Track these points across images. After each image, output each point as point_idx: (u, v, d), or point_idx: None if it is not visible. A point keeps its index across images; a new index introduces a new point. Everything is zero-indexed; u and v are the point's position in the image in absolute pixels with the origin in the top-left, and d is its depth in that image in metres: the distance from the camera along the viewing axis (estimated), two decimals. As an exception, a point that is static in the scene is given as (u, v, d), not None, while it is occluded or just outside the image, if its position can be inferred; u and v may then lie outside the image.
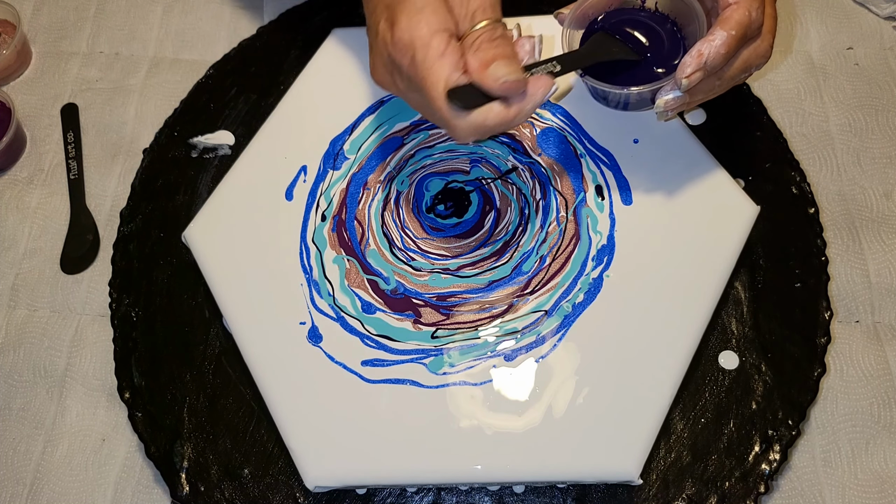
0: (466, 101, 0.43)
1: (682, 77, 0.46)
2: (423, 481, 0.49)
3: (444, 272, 0.54)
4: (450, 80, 0.43)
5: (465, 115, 0.44)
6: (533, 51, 0.47)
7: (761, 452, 0.50)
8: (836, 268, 0.58)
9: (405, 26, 0.44)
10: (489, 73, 0.43)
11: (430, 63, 0.43)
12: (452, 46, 0.44)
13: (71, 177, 0.64)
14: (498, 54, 0.43)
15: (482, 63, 0.43)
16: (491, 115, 0.44)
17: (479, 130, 0.44)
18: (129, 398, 0.54)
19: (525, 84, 0.43)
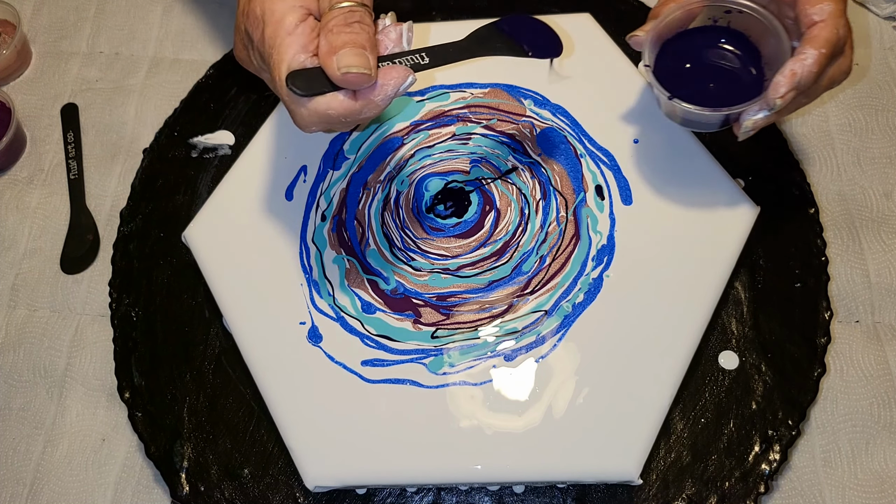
0: (310, 86, 0.41)
1: (775, 97, 0.45)
2: (423, 481, 0.49)
3: (444, 272, 0.54)
4: (294, 61, 0.41)
5: (306, 101, 0.41)
6: (399, 39, 0.45)
7: (761, 452, 0.50)
8: (836, 268, 0.58)
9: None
10: (334, 60, 0.40)
11: (279, 40, 0.41)
12: (306, 25, 0.42)
13: (71, 177, 0.64)
14: (349, 41, 0.41)
15: (331, 48, 0.40)
16: (334, 105, 0.41)
17: (322, 119, 0.42)
18: (129, 398, 0.54)
19: (372, 77, 0.41)
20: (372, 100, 0.42)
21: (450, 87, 0.60)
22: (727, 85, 0.51)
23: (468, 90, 0.60)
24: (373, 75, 0.41)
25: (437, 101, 0.60)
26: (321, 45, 0.41)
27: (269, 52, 0.42)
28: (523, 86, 0.60)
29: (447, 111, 0.60)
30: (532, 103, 0.59)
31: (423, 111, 0.60)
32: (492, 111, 0.59)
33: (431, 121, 0.59)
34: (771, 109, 0.46)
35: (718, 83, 0.51)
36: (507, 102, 0.60)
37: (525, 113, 0.59)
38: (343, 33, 0.41)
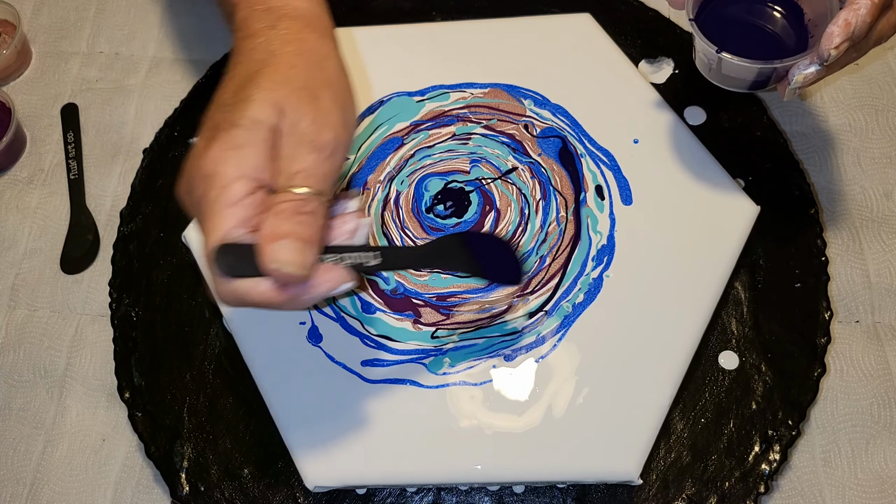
0: (237, 265, 0.37)
1: (829, 48, 0.43)
2: (423, 481, 0.49)
3: (443, 272, 0.54)
4: (230, 234, 0.37)
5: (229, 279, 0.38)
6: (354, 233, 0.42)
7: (761, 452, 0.50)
8: (836, 268, 0.58)
9: (213, 156, 0.38)
10: (269, 249, 0.37)
11: (219, 207, 0.38)
12: (252, 199, 0.38)
13: (71, 177, 0.64)
14: (293, 232, 0.37)
15: (272, 234, 0.37)
16: (256, 292, 0.38)
17: (241, 300, 0.39)
18: (129, 398, 0.54)
19: (305, 278, 0.38)
20: (298, 297, 0.39)
21: (450, 87, 0.60)
22: (770, 43, 0.50)
23: (468, 90, 0.60)
24: (305, 275, 0.38)
25: (437, 101, 0.60)
26: (264, 225, 0.38)
27: (205, 216, 0.38)
28: (523, 86, 0.60)
29: (447, 111, 0.60)
30: (532, 103, 0.59)
31: (423, 111, 0.60)
32: (492, 111, 0.59)
33: (431, 121, 0.59)
34: (823, 62, 0.45)
35: (761, 41, 0.50)
36: (507, 102, 0.60)
37: (525, 113, 0.59)
38: (290, 222, 0.38)
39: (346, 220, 0.42)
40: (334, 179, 0.41)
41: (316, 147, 0.40)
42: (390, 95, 0.60)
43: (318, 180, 0.39)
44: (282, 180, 0.39)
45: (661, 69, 0.63)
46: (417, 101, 0.60)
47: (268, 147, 0.39)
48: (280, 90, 0.40)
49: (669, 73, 0.63)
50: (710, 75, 0.51)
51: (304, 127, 0.40)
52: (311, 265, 0.38)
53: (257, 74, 0.41)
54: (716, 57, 0.49)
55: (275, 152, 0.39)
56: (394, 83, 0.61)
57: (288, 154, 0.39)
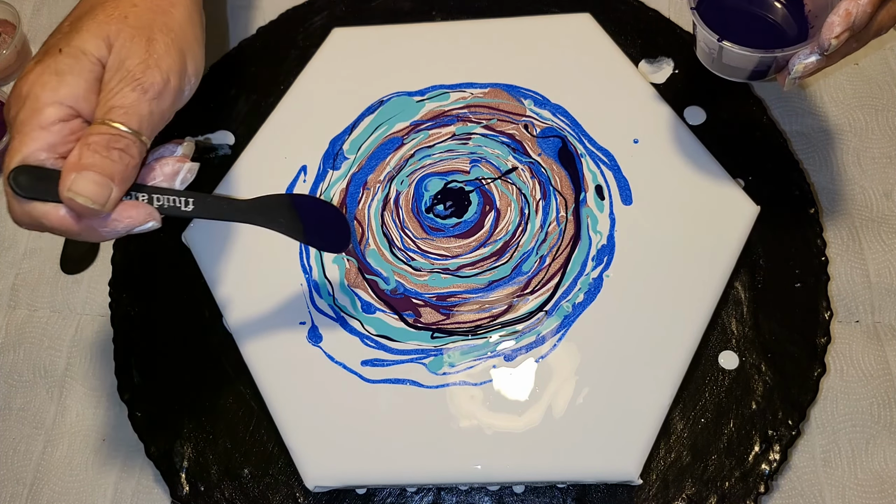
0: (34, 187, 0.37)
1: (830, 37, 0.43)
2: (423, 481, 0.49)
3: (443, 272, 0.54)
4: (32, 156, 0.37)
5: (23, 199, 0.38)
6: (173, 176, 0.41)
7: (761, 452, 0.50)
8: (836, 268, 0.58)
9: (33, 79, 0.39)
10: (69, 178, 0.37)
11: (28, 129, 0.38)
12: (65, 126, 0.38)
13: (71, 177, 0.64)
14: (97, 165, 0.37)
15: (76, 163, 0.37)
16: (51, 216, 0.38)
17: (35, 225, 0.39)
18: (129, 398, 0.54)
19: (101, 213, 0.38)
20: (94, 229, 0.39)
21: (450, 87, 0.60)
22: (771, 32, 0.50)
23: (468, 90, 0.60)
24: (103, 210, 0.38)
25: (437, 101, 0.60)
26: (72, 153, 0.38)
27: (13, 135, 0.38)
28: (523, 86, 0.60)
29: (447, 111, 0.60)
30: (532, 103, 0.59)
31: (423, 111, 0.60)
32: (492, 111, 0.59)
33: (431, 121, 0.59)
34: (823, 52, 0.45)
35: (762, 31, 0.50)
36: (507, 102, 0.60)
37: (525, 113, 0.59)
38: (98, 155, 0.37)
39: (166, 163, 0.41)
40: (157, 123, 0.41)
41: (140, 86, 0.40)
42: (390, 95, 0.60)
43: (137, 120, 0.39)
44: (99, 113, 0.39)
45: (661, 69, 0.63)
46: (417, 101, 0.60)
47: (91, 79, 0.39)
48: (113, 25, 0.41)
49: (669, 73, 0.63)
50: (710, 65, 0.51)
51: (132, 65, 0.40)
52: (112, 202, 0.38)
53: (96, 7, 0.42)
54: (717, 46, 0.49)
55: (98, 86, 0.40)
56: (394, 83, 0.61)
57: (111, 89, 0.39)
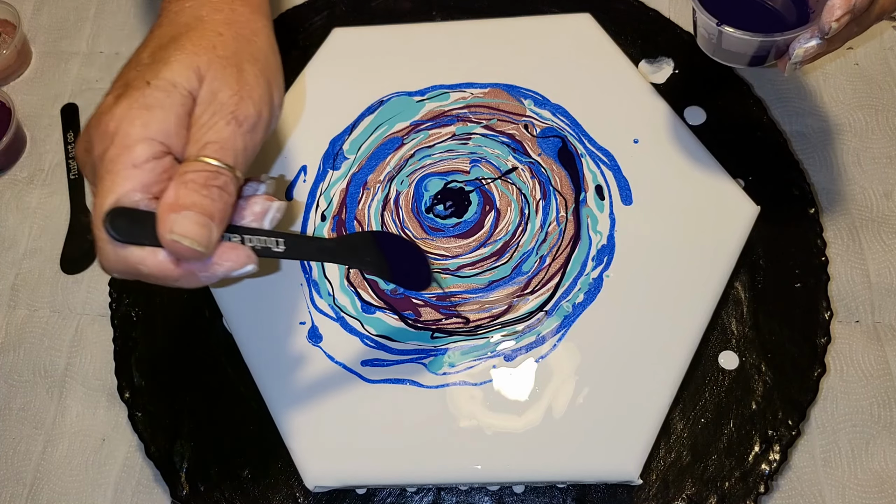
0: (132, 231, 0.35)
1: (830, 20, 0.43)
2: (423, 481, 0.49)
3: (443, 272, 0.54)
4: (127, 197, 0.35)
5: (119, 244, 0.35)
6: (262, 216, 0.40)
7: (761, 452, 0.50)
8: (836, 268, 0.58)
9: (119, 114, 0.36)
10: (169, 219, 0.35)
11: (119, 168, 0.35)
12: (158, 164, 0.36)
13: (71, 177, 0.64)
14: (198, 204, 0.35)
15: (175, 203, 0.35)
16: (150, 262, 0.36)
17: (129, 271, 0.36)
18: (129, 398, 0.54)
19: (206, 255, 0.36)
20: (195, 274, 0.37)
21: (450, 87, 0.60)
22: (771, 17, 0.50)
23: (468, 90, 0.60)
24: (207, 253, 0.36)
25: (437, 101, 0.60)
26: (168, 192, 0.35)
27: (103, 175, 0.35)
28: (523, 86, 0.60)
29: (447, 111, 0.60)
30: (532, 103, 0.59)
31: (423, 111, 0.60)
32: (492, 111, 0.59)
33: (431, 121, 0.59)
34: (824, 36, 0.44)
35: (762, 16, 0.50)
36: (507, 102, 0.60)
37: (525, 113, 0.59)
38: (196, 193, 0.35)
39: (255, 202, 0.40)
40: (250, 158, 0.39)
41: (235, 119, 0.38)
42: (390, 95, 0.60)
43: (233, 155, 0.37)
44: (193, 149, 0.37)
45: (661, 69, 0.63)
46: (417, 101, 0.60)
47: (182, 113, 0.37)
48: (203, 56, 0.38)
49: (669, 73, 0.63)
50: (710, 51, 0.51)
51: (225, 97, 0.38)
52: (214, 243, 0.36)
53: (180, 37, 0.39)
54: (716, 30, 0.48)
55: (189, 120, 0.37)
56: (394, 83, 0.61)
57: (203, 123, 0.37)
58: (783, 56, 0.48)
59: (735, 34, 0.48)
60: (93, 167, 0.37)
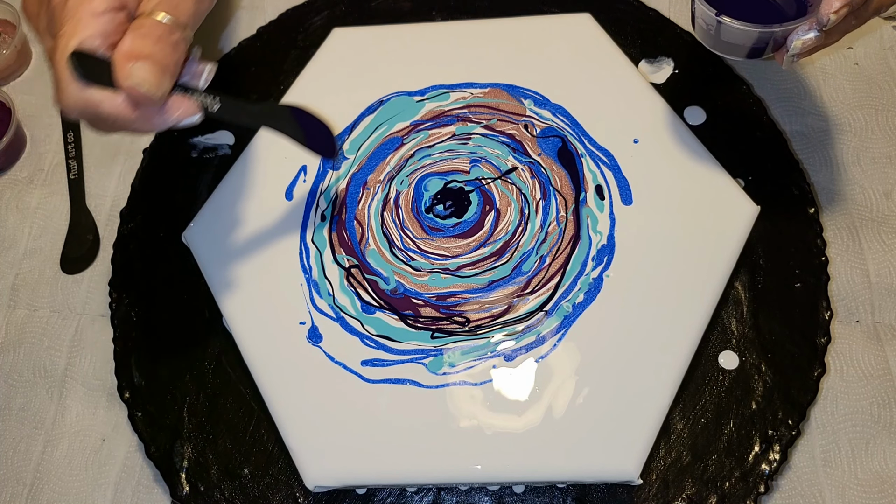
0: (92, 72, 0.38)
1: (829, 13, 0.43)
2: (423, 481, 0.49)
3: (443, 272, 0.54)
4: (88, 41, 0.38)
5: (82, 84, 0.38)
6: (198, 76, 0.43)
7: (761, 452, 0.50)
8: (836, 268, 0.58)
9: None
10: (129, 67, 0.38)
11: (80, 14, 0.38)
12: (114, 16, 0.39)
13: (71, 177, 0.64)
14: (154, 55, 0.39)
15: (132, 52, 0.38)
16: (109, 104, 0.39)
17: (89, 110, 0.39)
18: (129, 398, 0.54)
19: (158, 102, 0.39)
20: (149, 119, 0.40)
21: (450, 87, 0.60)
22: (769, 10, 0.50)
23: (468, 90, 0.60)
24: (160, 100, 0.39)
25: (437, 101, 0.60)
26: (124, 42, 0.38)
27: (61, 20, 0.38)
28: (523, 86, 0.60)
29: (447, 111, 0.60)
30: (532, 103, 0.59)
31: (423, 111, 0.60)
32: (492, 111, 0.59)
33: (431, 121, 0.59)
34: (822, 28, 0.45)
35: (760, 8, 0.50)
36: (507, 102, 0.60)
37: (525, 113, 0.59)
38: (150, 44, 0.39)
39: (190, 63, 0.43)
40: (199, 20, 0.42)
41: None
42: (390, 95, 0.60)
43: (183, 12, 0.40)
44: (147, 6, 0.40)
45: (661, 69, 0.63)
46: (417, 101, 0.60)
47: None
48: None
49: (669, 73, 0.63)
50: (708, 43, 0.51)
51: None
52: (167, 91, 0.39)
53: None
54: (714, 21, 0.48)
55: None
56: (394, 83, 0.61)
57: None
58: (781, 49, 0.48)
59: (734, 25, 0.48)
60: (49, 15, 0.40)
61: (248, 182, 0.58)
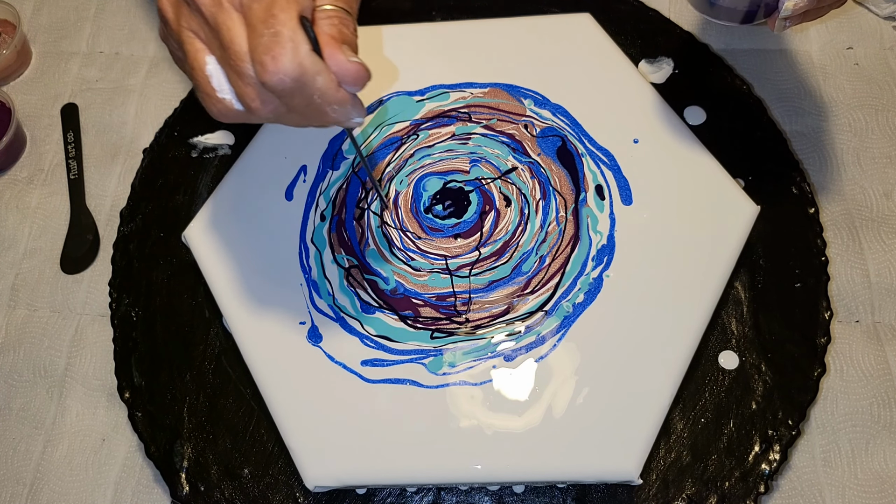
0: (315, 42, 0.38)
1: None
2: (423, 481, 0.49)
3: (443, 272, 0.54)
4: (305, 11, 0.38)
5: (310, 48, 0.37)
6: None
7: (761, 452, 0.50)
8: (836, 268, 0.58)
9: None
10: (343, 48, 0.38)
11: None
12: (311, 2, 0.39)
13: (71, 177, 0.64)
14: (353, 41, 0.40)
15: (337, 35, 0.38)
16: (325, 77, 0.38)
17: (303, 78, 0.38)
18: (129, 398, 0.54)
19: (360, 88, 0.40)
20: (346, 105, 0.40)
21: (450, 87, 0.60)
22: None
23: (468, 90, 0.60)
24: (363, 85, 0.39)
25: (437, 101, 0.60)
26: (322, 27, 0.38)
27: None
28: (523, 86, 0.60)
29: (447, 111, 0.60)
30: (532, 103, 0.59)
31: (423, 111, 0.60)
32: (492, 111, 0.59)
33: (431, 121, 0.59)
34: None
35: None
36: (507, 102, 0.60)
37: (525, 113, 0.59)
38: (350, 32, 0.39)
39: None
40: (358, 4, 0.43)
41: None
42: (390, 95, 0.60)
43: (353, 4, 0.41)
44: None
45: (661, 69, 0.63)
46: (417, 100, 0.60)
47: None
48: None
49: (669, 73, 0.63)
50: (702, 9, 0.51)
51: None
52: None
53: None
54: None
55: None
56: (394, 83, 0.61)
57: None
58: (774, 13, 0.48)
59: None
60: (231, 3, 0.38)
61: (248, 182, 0.58)
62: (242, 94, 0.39)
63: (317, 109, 0.39)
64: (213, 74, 0.40)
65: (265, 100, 0.39)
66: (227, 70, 0.39)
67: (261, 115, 0.40)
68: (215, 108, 0.40)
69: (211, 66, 0.39)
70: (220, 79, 0.40)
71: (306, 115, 0.40)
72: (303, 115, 0.40)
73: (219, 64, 0.39)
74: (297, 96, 0.38)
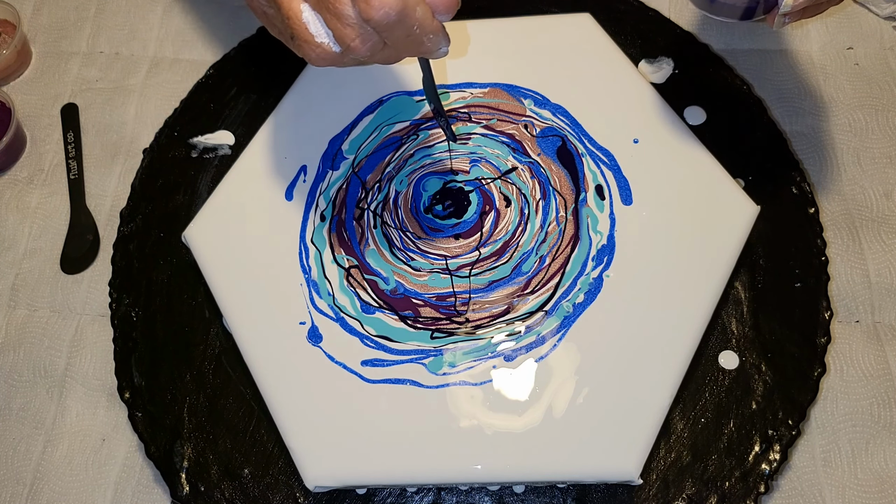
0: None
1: None
2: (423, 481, 0.49)
3: (443, 272, 0.54)
4: None
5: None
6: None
7: (761, 452, 0.50)
8: (836, 268, 0.58)
9: None
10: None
11: None
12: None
13: (71, 177, 0.64)
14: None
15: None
16: (422, 8, 0.40)
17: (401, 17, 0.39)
18: (129, 398, 0.54)
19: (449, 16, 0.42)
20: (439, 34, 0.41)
21: (450, 87, 0.60)
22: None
23: (468, 90, 0.60)
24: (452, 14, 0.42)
25: (437, 101, 0.60)
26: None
27: None
28: (523, 86, 0.60)
29: (447, 111, 0.60)
30: (532, 103, 0.59)
31: (423, 111, 0.60)
32: (492, 111, 0.59)
33: (431, 121, 0.59)
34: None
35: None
36: (507, 102, 0.60)
37: (525, 113, 0.59)
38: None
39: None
40: None
41: None
42: (390, 95, 0.60)
43: None
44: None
45: (661, 69, 0.63)
46: (417, 100, 0.60)
47: None
48: None
49: (669, 73, 0.63)
50: (701, 5, 0.51)
51: None
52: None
53: None
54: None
55: None
56: (394, 83, 0.61)
57: None
58: (773, 9, 0.48)
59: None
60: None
61: (248, 182, 0.58)
62: (342, 36, 0.40)
63: (415, 40, 0.40)
64: (310, 21, 0.40)
65: (365, 37, 0.40)
66: (325, 14, 0.40)
67: (359, 53, 0.41)
68: (314, 52, 0.41)
69: (307, 14, 0.40)
70: (316, 24, 0.41)
71: (402, 47, 0.41)
72: (399, 48, 0.41)
73: (313, 10, 0.40)
74: (397, 29, 0.39)
